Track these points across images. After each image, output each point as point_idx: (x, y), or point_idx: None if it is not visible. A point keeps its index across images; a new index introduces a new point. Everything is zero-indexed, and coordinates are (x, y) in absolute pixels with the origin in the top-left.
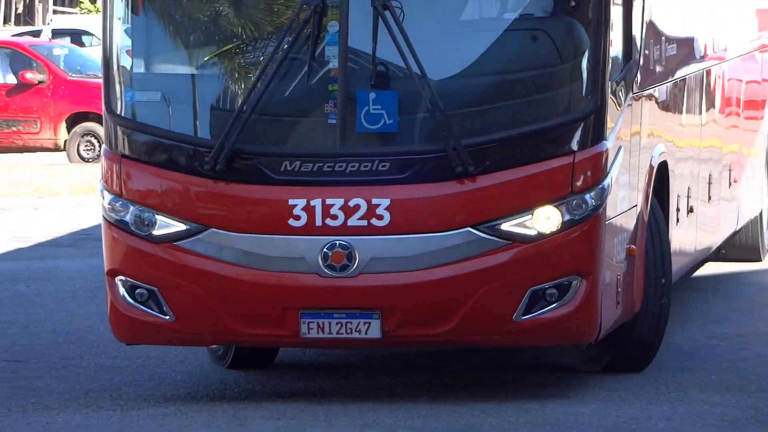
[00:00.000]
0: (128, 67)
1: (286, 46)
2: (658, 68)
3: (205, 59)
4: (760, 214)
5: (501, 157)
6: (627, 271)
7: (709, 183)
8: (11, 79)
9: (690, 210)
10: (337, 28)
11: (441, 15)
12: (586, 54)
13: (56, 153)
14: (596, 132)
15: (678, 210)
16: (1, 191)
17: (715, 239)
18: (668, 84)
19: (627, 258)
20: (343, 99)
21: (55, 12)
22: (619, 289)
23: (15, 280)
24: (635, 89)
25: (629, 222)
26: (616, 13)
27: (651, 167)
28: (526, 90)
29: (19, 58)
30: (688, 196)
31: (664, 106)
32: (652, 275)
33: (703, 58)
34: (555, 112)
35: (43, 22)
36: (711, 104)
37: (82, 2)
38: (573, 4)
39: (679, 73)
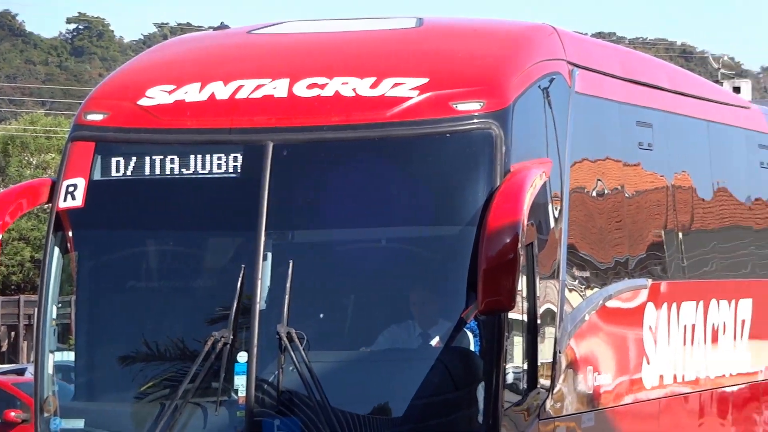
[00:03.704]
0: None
1: (197, 373)
2: (581, 395)
3: (128, 394)
4: None
5: None
6: None
7: None
8: None
9: None
10: (246, 358)
11: (341, 344)
12: (480, 380)
13: None
14: None
15: None
16: None
17: None
18: (599, 411)
19: None
20: (250, 425)
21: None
22: None
23: None
24: (543, 414)
25: None
26: (518, 341)
27: None
28: (422, 414)
29: (3, 396)
30: None
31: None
32: None
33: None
34: None
35: (28, 360)
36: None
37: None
38: (471, 335)
39: (619, 400)
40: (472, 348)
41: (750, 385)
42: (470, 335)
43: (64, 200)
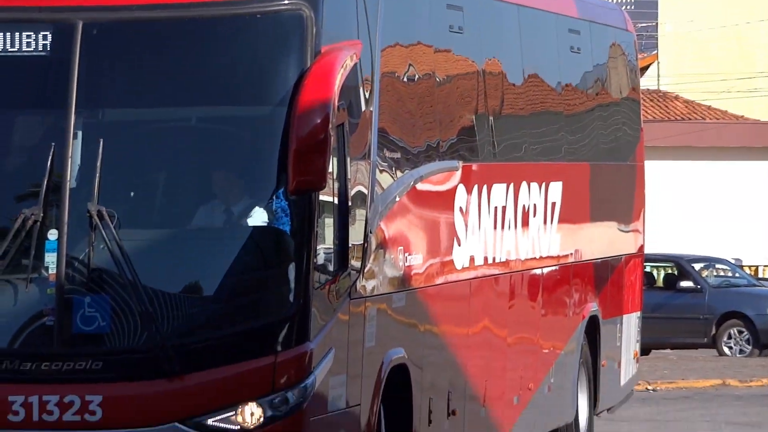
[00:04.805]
0: None
1: (7, 251)
2: (392, 276)
3: None
4: (575, 422)
5: (207, 357)
6: None
7: (485, 386)
8: None
9: (452, 413)
10: (56, 236)
11: (151, 223)
12: (291, 259)
13: None
14: (299, 334)
15: (430, 412)
16: None
17: None
18: (410, 291)
19: None
20: (60, 302)
21: None
22: None
23: None
24: (354, 294)
25: (349, 419)
26: (329, 223)
27: (381, 370)
28: (232, 293)
29: None
30: (449, 399)
31: (405, 312)
32: None
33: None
34: (258, 314)
35: None
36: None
37: None
38: (282, 215)
39: (430, 281)
40: (283, 228)
41: (560, 267)
42: (282, 215)
43: None
